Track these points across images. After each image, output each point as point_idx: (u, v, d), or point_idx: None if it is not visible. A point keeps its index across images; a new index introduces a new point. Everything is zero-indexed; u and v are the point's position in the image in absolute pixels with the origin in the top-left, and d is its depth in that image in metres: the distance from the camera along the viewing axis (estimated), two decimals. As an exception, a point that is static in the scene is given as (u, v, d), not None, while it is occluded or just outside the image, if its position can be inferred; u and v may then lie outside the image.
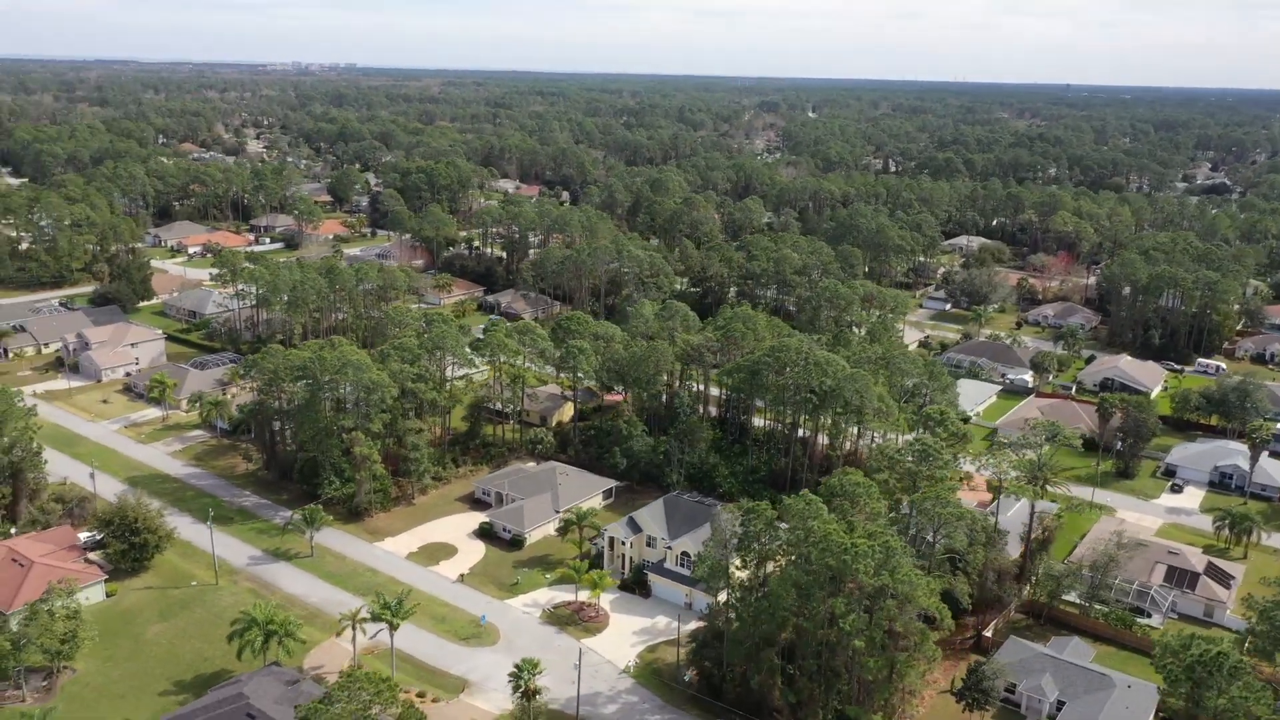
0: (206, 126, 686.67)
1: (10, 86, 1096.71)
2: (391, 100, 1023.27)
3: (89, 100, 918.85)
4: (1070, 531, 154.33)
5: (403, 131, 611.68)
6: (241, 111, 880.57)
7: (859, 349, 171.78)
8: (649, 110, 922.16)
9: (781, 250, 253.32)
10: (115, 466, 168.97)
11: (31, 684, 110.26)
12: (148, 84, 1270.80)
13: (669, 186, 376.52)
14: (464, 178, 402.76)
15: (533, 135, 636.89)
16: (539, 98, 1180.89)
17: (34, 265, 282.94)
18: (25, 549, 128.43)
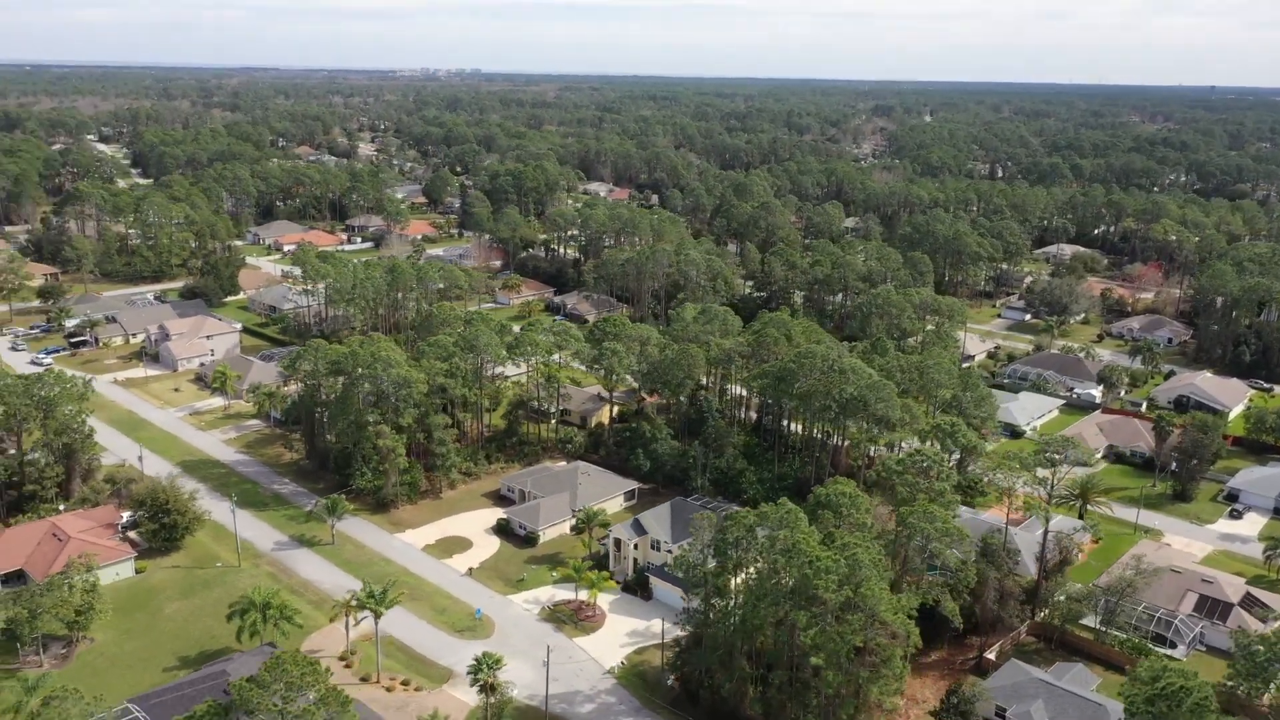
0: (324, 130, 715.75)
1: (156, 93, 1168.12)
2: (505, 105, 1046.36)
3: (223, 106, 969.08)
4: (1108, 554, 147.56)
5: (504, 135, 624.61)
6: (360, 116, 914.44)
7: (893, 358, 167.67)
8: (756, 115, 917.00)
9: (845, 255, 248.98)
10: (172, 451, 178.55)
11: (52, 651, 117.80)
12: (281, 90, 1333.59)
13: (752, 190, 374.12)
14: (552, 181, 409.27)
15: (634, 139, 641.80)
16: (651, 102, 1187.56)
17: (138, 260, 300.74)
18: (67, 525, 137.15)
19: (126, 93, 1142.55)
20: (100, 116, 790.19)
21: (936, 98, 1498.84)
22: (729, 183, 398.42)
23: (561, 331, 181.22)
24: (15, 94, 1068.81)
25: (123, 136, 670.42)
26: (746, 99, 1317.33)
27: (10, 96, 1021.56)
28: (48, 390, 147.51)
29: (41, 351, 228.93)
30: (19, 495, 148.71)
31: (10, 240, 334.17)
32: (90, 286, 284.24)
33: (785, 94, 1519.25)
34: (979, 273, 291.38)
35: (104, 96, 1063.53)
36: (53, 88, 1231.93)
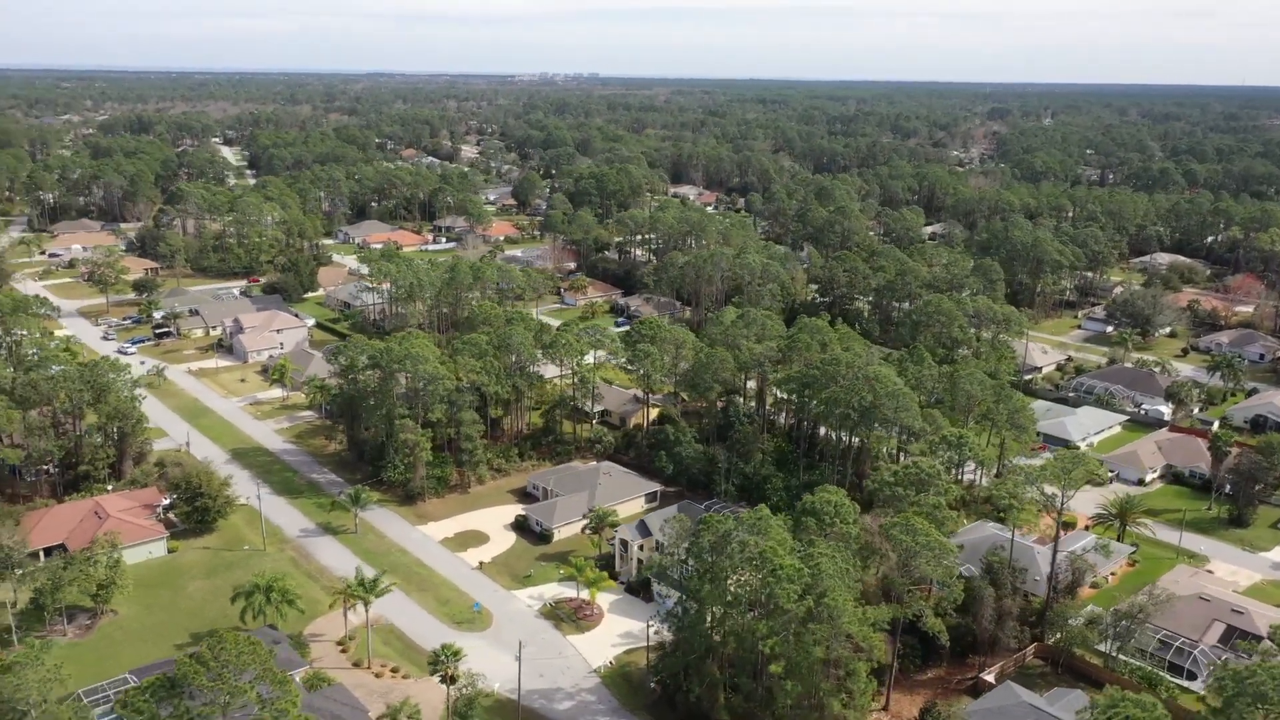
0: (430, 133, 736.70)
1: (284, 98, 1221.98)
2: (611, 108, 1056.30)
3: (342, 110, 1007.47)
4: (1143, 577, 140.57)
5: (602, 139, 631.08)
6: (469, 119, 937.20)
7: (928, 367, 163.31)
8: (862, 118, 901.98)
9: (910, 261, 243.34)
10: (226, 438, 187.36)
11: (77, 621, 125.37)
12: (401, 94, 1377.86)
13: (834, 195, 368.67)
14: (635, 184, 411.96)
15: (731, 143, 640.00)
16: (760, 105, 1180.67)
17: (230, 256, 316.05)
18: (109, 504, 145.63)
19: (256, 98, 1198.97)
20: (225, 120, 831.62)
21: (1062, 100, 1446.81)
22: (813, 187, 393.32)
23: (596, 333, 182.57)
24: (155, 99, 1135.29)
25: (242, 139, 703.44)
26: (859, 102, 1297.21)
27: (150, 101, 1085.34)
28: (102, 377, 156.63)
29: (129, 341, 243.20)
30: (74, 475, 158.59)
31: (121, 236, 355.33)
32: (183, 281, 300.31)
33: (901, 97, 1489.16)
34: (1058, 281, 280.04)
35: (234, 101, 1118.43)
36: (191, 93, 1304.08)
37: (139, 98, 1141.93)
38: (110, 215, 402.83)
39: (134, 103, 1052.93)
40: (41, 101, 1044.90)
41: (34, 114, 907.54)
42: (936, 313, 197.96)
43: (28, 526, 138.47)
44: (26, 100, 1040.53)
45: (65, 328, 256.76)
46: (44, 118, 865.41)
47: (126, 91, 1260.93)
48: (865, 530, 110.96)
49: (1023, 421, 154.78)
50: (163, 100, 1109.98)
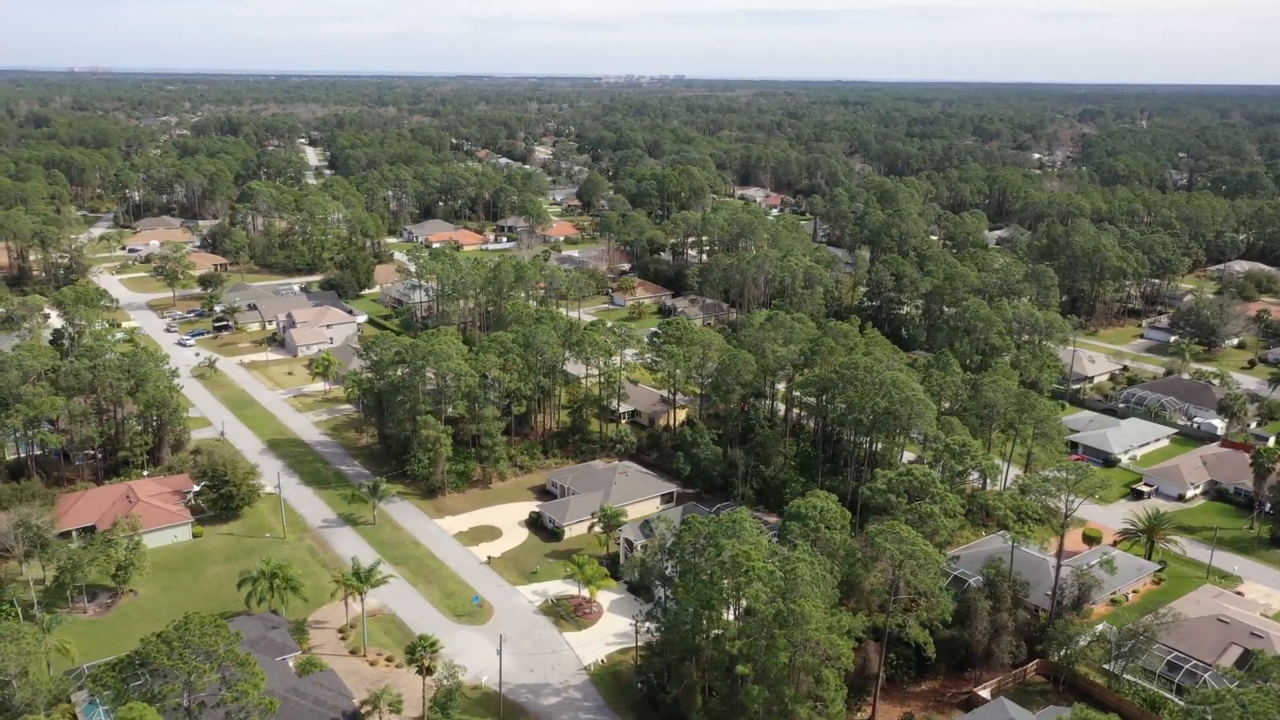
0: (507, 135, 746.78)
1: (372, 100, 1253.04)
2: (690, 110, 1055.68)
3: (425, 112, 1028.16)
4: (1168, 595, 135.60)
5: (673, 140, 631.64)
6: (548, 121, 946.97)
7: (953, 374, 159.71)
8: (944, 120, 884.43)
9: (956, 266, 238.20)
10: (265, 429, 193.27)
11: (99, 600, 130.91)
12: (485, 96, 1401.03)
13: (896, 198, 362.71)
14: (697, 186, 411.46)
15: (804, 144, 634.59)
16: (842, 107, 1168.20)
17: (295, 253, 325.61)
18: (141, 489, 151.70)
19: (345, 100, 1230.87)
20: (312, 122, 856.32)
21: (1161, 102, 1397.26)
22: (876, 189, 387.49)
23: (623, 333, 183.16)
24: (249, 101, 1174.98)
25: (325, 140, 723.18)
26: (945, 103, 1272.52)
27: (244, 103, 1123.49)
28: (141, 367, 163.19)
29: (189, 333, 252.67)
30: (115, 461, 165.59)
31: (196, 233, 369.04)
32: (247, 276, 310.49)
33: (990, 98, 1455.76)
34: (1120, 289, 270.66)
35: (323, 104, 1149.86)
36: (285, 95, 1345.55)
37: (235, 100, 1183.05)
38: (190, 213, 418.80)
39: (229, 105, 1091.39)
40: (145, 103, 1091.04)
41: (136, 115, 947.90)
42: (975, 318, 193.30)
43: (62, 508, 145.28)
44: (130, 102, 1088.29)
45: (133, 319, 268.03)
46: (145, 119, 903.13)
47: (224, 94, 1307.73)
48: (854, 537, 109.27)
49: (1048, 431, 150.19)
50: (256, 103, 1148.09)
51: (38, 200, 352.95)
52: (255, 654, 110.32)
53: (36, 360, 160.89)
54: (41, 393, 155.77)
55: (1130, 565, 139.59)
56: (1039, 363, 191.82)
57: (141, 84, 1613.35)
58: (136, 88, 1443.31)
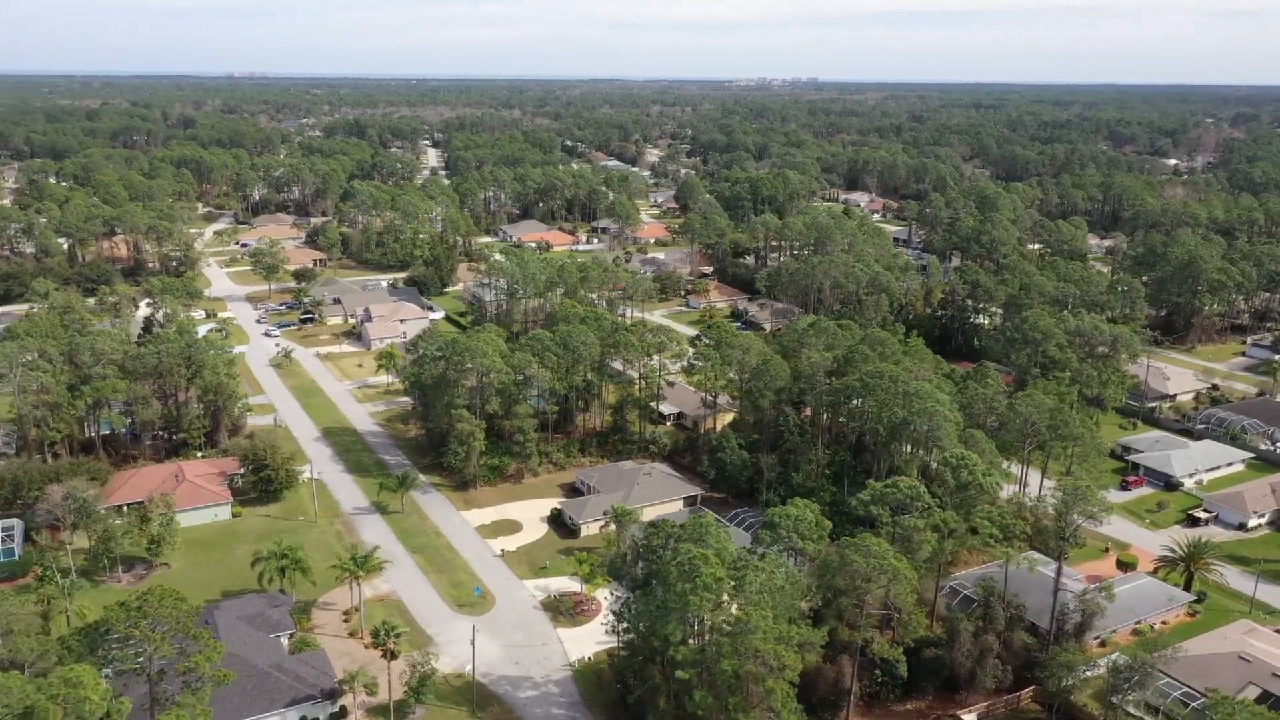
0: (621, 137, 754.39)
1: (499, 102, 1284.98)
2: (812, 114, 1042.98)
3: (548, 114, 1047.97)
4: (1200, 628, 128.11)
5: (783, 143, 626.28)
6: (665, 123, 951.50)
7: (988, 387, 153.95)
8: (1076, 124, 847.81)
9: (1033, 275, 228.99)
10: (324, 418, 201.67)
11: (135, 571, 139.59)
12: (611, 99, 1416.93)
13: (997, 204, 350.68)
14: (793, 190, 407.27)
15: (920, 148, 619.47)
16: (973, 111, 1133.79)
17: (389, 251, 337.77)
18: (190, 469, 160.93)
19: (475, 102, 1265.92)
20: (438, 124, 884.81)
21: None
22: (975, 195, 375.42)
23: (663, 333, 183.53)
24: (383, 103, 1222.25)
25: (445, 142, 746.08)
26: (1084, 106, 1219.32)
27: (379, 106, 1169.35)
28: (199, 355, 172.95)
29: (276, 325, 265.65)
30: (176, 442, 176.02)
31: (303, 229, 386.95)
32: (341, 272, 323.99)
33: (1136, 100, 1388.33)
34: (1220, 302, 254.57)
35: (453, 106, 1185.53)
36: (419, 98, 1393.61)
37: (371, 103, 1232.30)
38: (303, 211, 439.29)
39: (365, 107, 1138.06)
40: (288, 106, 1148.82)
41: (278, 118, 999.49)
42: (1033, 330, 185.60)
43: (115, 484, 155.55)
44: (275, 105, 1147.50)
45: (229, 310, 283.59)
46: (285, 121, 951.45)
47: (362, 97, 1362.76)
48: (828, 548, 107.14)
49: (1085, 451, 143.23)
50: (390, 105, 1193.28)
51: (163, 197, 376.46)
52: (251, 629, 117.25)
53: (108, 346, 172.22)
54: (109, 375, 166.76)
55: (1160, 594, 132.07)
56: (1102, 378, 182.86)
57: (291, 88, 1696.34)
58: (285, 92, 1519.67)
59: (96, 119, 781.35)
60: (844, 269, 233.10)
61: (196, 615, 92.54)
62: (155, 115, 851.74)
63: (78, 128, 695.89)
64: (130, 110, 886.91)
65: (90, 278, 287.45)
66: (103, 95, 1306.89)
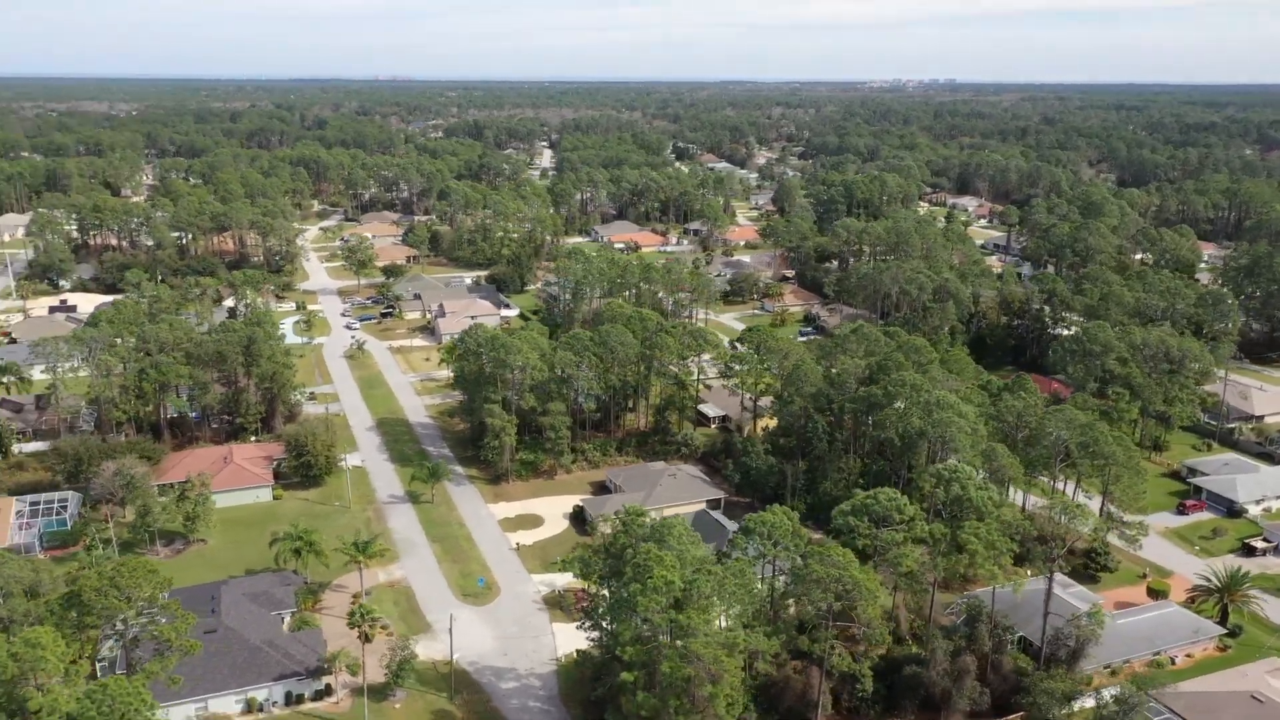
0: (732, 139, 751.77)
1: (623, 104, 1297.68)
2: (938, 116, 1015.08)
3: (666, 116, 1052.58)
4: (1226, 663, 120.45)
5: (896, 145, 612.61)
6: (784, 125, 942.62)
7: (1020, 400, 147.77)
8: (1222, 126, 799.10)
9: (1113, 286, 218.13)
10: (380, 407, 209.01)
11: (174, 545, 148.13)
12: (736, 101, 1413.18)
13: (1103, 210, 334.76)
14: (891, 193, 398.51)
15: (1036, 151, 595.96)
16: (1114, 113, 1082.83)
17: (477, 249, 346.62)
18: (239, 452, 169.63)
19: (598, 105, 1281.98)
20: (556, 126, 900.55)
21: None
22: (1080, 201, 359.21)
23: (701, 336, 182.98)
24: (510, 105, 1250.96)
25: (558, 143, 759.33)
26: (1240, 108, 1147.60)
27: (504, 108, 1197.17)
28: (256, 344, 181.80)
29: (357, 318, 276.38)
30: (235, 426, 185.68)
31: (402, 227, 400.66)
32: (430, 269, 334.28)
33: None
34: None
35: (576, 108, 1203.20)
36: (545, 100, 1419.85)
37: (498, 104, 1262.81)
38: (408, 209, 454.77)
39: (491, 109, 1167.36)
40: (419, 108, 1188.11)
41: (408, 119, 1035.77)
42: (1092, 342, 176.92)
43: (168, 464, 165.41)
44: (407, 107, 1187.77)
45: (320, 303, 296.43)
46: (413, 123, 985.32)
47: (490, 99, 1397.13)
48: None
49: (1119, 471, 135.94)
50: (515, 106, 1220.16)
51: (276, 194, 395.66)
52: (254, 606, 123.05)
53: (172, 334, 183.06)
54: (172, 361, 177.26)
55: (1186, 625, 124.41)
56: (1168, 395, 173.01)
57: (427, 90, 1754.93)
58: (421, 94, 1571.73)
59: (238, 120, 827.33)
60: (908, 275, 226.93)
61: (168, 587, 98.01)
62: (292, 117, 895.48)
63: (218, 129, 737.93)
64: (270, 112, 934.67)
65: (196, 269, 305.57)
66: (253, 98, 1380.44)
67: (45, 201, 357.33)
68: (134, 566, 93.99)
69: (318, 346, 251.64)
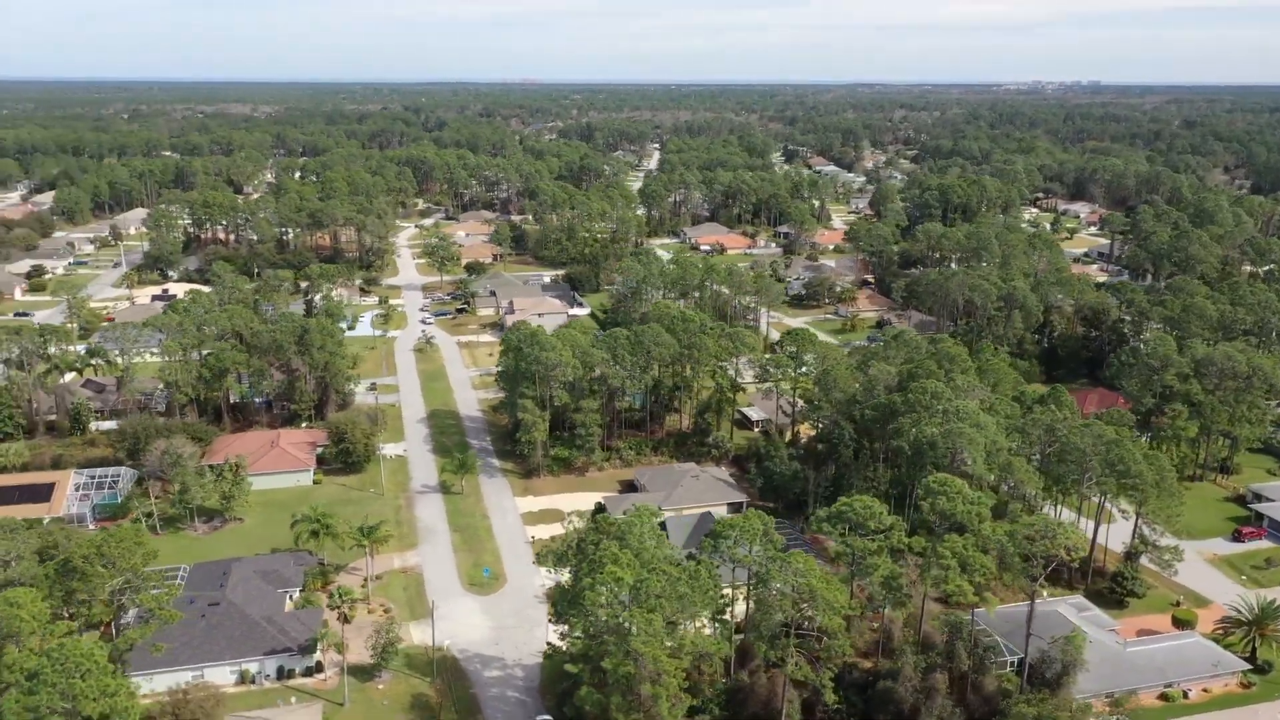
0: (843, 141, 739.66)
1: (742, 106, 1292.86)
2: (1068, 119, 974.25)
3: (782, 119, 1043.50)
4: (1245, 700, 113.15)
5: (1010, 148, 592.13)
6: (899, 129, 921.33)
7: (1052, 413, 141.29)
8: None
9: (1195, 298, 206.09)
10: (436, 400, 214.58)
11: (213, 523, 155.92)
12: (860, 104, 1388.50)
13: (1216, 219, 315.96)
14: (989, 197, 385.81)
15: (1164, 156, 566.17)
16: (1266, 115, 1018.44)
17: (564, 248, 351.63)
18: (286, 438, 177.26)
19: (717, 107, 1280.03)
20: (668, 128, 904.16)
21: None
22: (1191, 208, 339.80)
23: (737, 338, 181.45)
24: (628, 108, 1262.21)
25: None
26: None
27: (623, 110, 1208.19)
28: (311, 335, 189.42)
29: (432, 313, 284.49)
30: (290, 412, 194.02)
31: (495, 225, 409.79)
32: (513, 266, 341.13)
33: None
34: None
35: (694, 110, 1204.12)
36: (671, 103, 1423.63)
37: (618, 106, 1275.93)
38: (505, 209, 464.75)
39: (611, 111, 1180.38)
40: (541, 110, 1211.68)
41: (530, 121, 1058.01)
42: (1152, 356, 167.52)
43: (219, 446, 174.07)
44: (529, 109, 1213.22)
45: (403, 297, 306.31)
46: (532, 125, 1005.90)
47: (611, 101, 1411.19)
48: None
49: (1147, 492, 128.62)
50: (635, 109, 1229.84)
51: (377, 193, 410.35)
52: (261, 584, 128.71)
53: (233, 323, 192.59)
54: (229, 349, 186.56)
55: (1204, 658, 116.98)
56: (1234, 414, 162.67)
57: (553, 93, 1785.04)
58: (546, 96, 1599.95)
59: (364, 122, 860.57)
60: (972, 282, 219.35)
61: (154, 558, 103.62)
62: (416, 119, 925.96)
63: (343, 130, 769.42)
64: (395, 114, 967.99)
65: (292, 263, 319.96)
66: (386, 100, 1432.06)
67: (165, 198, 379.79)
68: (121, 537, 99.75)
69: (391, 340, 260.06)
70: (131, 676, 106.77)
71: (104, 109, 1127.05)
